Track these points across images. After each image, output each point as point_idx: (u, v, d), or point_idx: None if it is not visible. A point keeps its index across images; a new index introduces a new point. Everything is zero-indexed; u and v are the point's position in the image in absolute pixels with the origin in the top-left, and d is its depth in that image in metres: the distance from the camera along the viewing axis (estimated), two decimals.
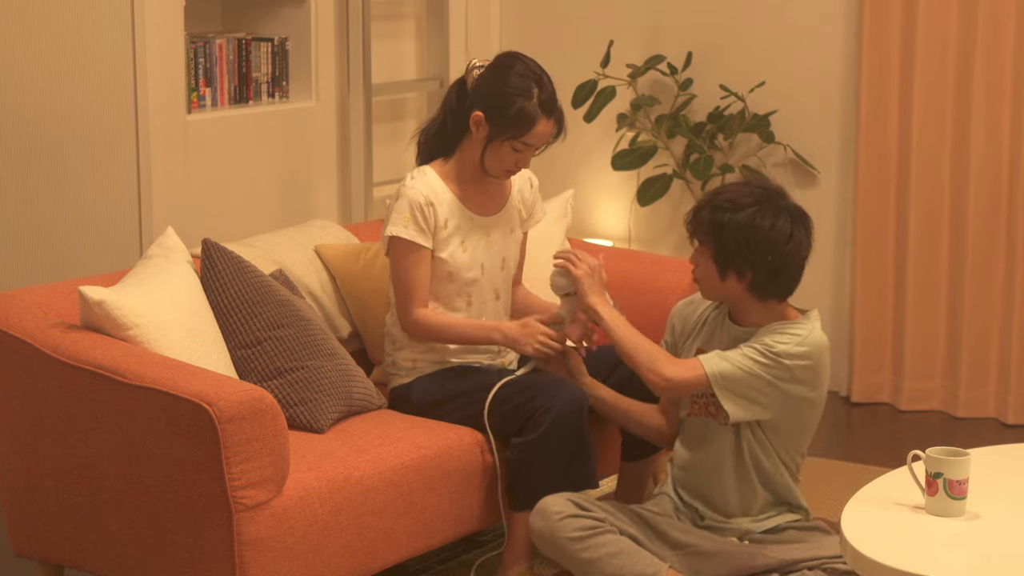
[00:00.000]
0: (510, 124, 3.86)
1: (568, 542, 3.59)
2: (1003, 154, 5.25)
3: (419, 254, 3.91)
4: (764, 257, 3.57)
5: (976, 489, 3.16)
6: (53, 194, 4.67)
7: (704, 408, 3.71)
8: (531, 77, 3.89)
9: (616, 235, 5.94)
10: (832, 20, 5.50)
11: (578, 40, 5.91)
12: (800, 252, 3.61)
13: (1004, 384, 5.34)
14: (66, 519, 3.61)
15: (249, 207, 5.06)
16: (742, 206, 3.57)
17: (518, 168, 3.95)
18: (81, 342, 3.53)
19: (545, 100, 3.88)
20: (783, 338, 3.60)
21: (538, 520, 3.63)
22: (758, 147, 5.59)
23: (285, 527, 3.41)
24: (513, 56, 3.96)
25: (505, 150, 3.90)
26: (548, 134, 3.91)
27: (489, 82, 3.91)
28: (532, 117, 3.86)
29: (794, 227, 3.59)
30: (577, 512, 3.60)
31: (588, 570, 3.58)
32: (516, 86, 3.87)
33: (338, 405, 3.84)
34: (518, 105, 3.86)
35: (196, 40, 4.91)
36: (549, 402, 3.75)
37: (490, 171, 3.95)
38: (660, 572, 3.55)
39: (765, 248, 3.56)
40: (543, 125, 3.88)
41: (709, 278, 3.64)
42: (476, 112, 3.90)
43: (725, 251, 3.58)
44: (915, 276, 5.41)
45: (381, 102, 5.59)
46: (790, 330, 3.61)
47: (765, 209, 3.58)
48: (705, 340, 3.75)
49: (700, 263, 3.65)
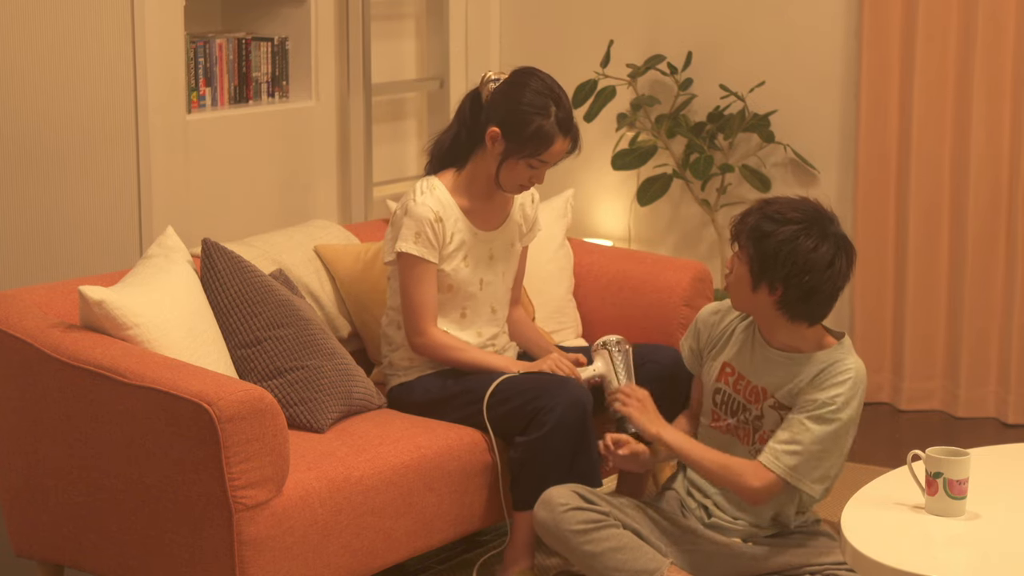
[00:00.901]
0: (527, 142, 3.85)
1: (572, 534, 3.59)
2: (1003, 154, 5.24)
3: (428, 270, 3.91)
4: (800, 276, 3.50)
5: (976, 489, 3.16)
6: (53, 194, 4.67)
7: (732, 429, 3.70)
8: (548, 95, 3.87)
9: (616, 235, 5.94)
10: (832, 20, 5.50)
11: (578, 40, 5.90)
12: (837, 281, 3.53)
13: (1004, 384, 5.34)
14: (66, 519, 3.61)
15: (249, 207, 5.06)
16: (790, 220, 3.51)
17: (532, 184, 3.95)
18: (81, 342, 3.53)
19: (563, 119, 3.87)
20: (836, 391, 3.54)
21: (542, 511, 3.64)
22: (758, 147, 5.59)
23: (285, 527, 3.41)
24: (529, 72, 3.94)
25: (521, 167, 3.89)
26: (563, 152, 3.91)
27: (506, 98, 3.89)
28: (550, 136, 3.85)
29: (837, 254, 3.52)
30: (582, 504, 3.61)
31: (591, 563, 3.59)
32: (534, 104, 3.86)
33: (338, 405, 3.84)
34: (536, 124, 3.84)
35: (196, 40, 4.91)
36: (553, 401, 3.75)
37: (504, 186, 3.95)
38: (662, 568, 3.56)
39: (803, 267, 3.49)
40: (560, 144, 3.88)
41: (741, 285, 3.58)
42: (492, 128, 3.89)
43: (762, 261, 3.52)
44: (915, 276, 5.41)
45: (381, 102, 5.58)
46: (838, 376, 3.55)
47: (812, 229, 3.51)
48: (733, 354, 3.71)
49: (736, 267, 3.59)
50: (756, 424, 3.68)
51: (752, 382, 3.66)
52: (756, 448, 3.67)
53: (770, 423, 3.65)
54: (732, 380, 3.70)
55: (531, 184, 3.95)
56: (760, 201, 3.62)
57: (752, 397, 3.67)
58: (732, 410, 3.70)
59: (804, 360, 3.60)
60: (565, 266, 4.62)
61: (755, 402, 3.67)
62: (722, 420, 3.72)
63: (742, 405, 3.68)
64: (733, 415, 3.70)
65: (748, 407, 3.68)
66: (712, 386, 3.74)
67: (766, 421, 3.66)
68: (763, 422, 3.67)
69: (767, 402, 3.65)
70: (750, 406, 3.67)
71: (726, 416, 3.71)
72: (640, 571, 3.56)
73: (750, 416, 3.68)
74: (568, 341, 4.48)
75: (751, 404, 3.67)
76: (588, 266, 4.64)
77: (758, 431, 3.68)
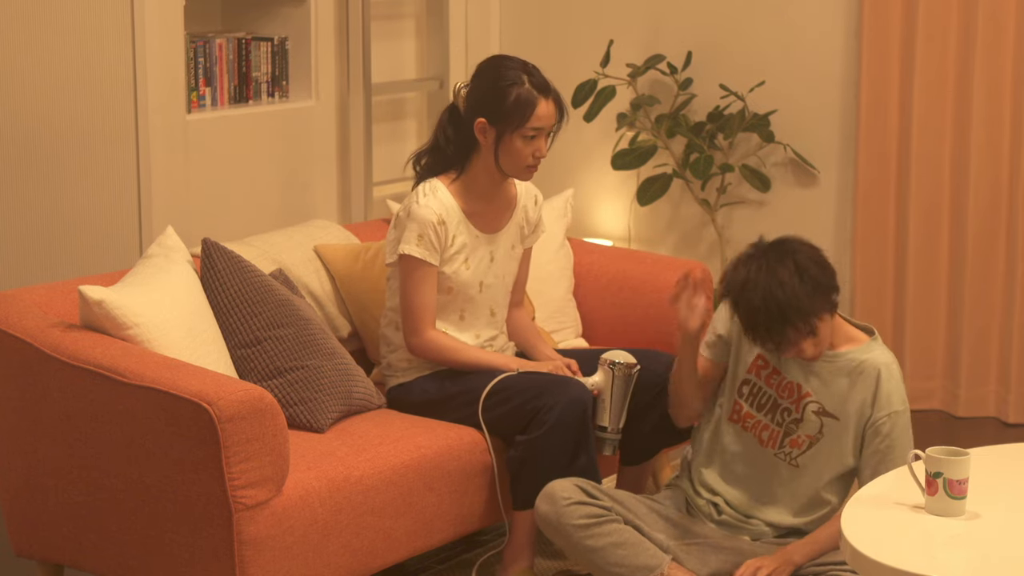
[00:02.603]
0: (512, 114, 3.86)
1: (574, 529, 3.59)
2: (1003, 154, 5.24)
3: (429, 273, 3.91)
4: (836, 286, 3.55)
5: (976, 489, 3.16)
6: (53, 194, 4.67)
7: (756, 427, 3.67)
8: (518, 67, 3.91)
9: (616, 235, 5.94)
10: (832, 20, 5.50)
11: (578, 40, 5.90)
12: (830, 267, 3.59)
13: (1004, 383, 5.34)
14: (66, 519, 3.61)
15: (249, 207, 5.06)
16: (794, 272, 3.47)
17: (536, 159, 3.92)
18: (81, 342, 3.53)
19: (538, 83, 3.89)
20: (897, 398, 3.61)
21: (545, 504, 3.64)
22: (758, 146, 5.58)
23: (285, 527, 3.41)
24: (494, 57, 4.00)
25: (517, 144, 3.89)
26: (551, 115, 3.90)
27: (478, 88, 3.93)
28: (530, 100, 3.86)
29: (811, 249, 3.55)
30: (585, 499, 3.61)
31: (592, 557, 3.59)
32: (505, 78, 3.89)
33: (338, 404, 3.84)
34: (514, 94, 3.86)
35: (196, 40, 4.91)
36: (553, 400, 3.75)
37: (510, 172, 3.94)
38: (663, 564, 3.56)
39: (832, 275, 3.55)
40: (543, 106, 3.88)
41: (827, 331, 3.55)
42: (478, 120, 3.90)
43: (825, 301, 3.51)
44: (915, 276, 5.41)
45: (381, 102, 5.58)
46: (891, 381, 3.61)
47: (795, 257, 3.50)
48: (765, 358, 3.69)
49: (822, 335, 3.53)
50: (790, 428, 3.64)
51: (787, 377, 3.65)
52: (779, 453, 3.65)
53: (808, 429, 3.63)
54: (765, 373, 3.66)
55: (535, 160, 3.92)
56: (750, 302, 3.49)
57: (786, 392, 3.64)
58: (761, 405, 3.67)
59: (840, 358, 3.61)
60: (565, 266, 4.62)
61: (791, 399, 3.64)
62: (746, 415, 3.68)
63: (774, 400, 3.66)
64: (761, 410, 3.67)
65: (783, 405, 3.64)
66: (741, 377, 3.70)
67: (804, 426, 3.63)
68: (799, 427, 3.64)
69: (810, 406, 3.62)
70: (786, 404, 3.64)
71: (754, 411, 3.67)
72: (640, 567, 3.56)
73: (786, 418, 3.64)
74: (568, 341, 4.49)
75: (786, 401, 3.64)
76: (588, 266, 4.64)
77: (790, 435, 3.65)
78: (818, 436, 3.63)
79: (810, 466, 3.65)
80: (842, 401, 3.61)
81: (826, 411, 3.61)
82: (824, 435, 3.63)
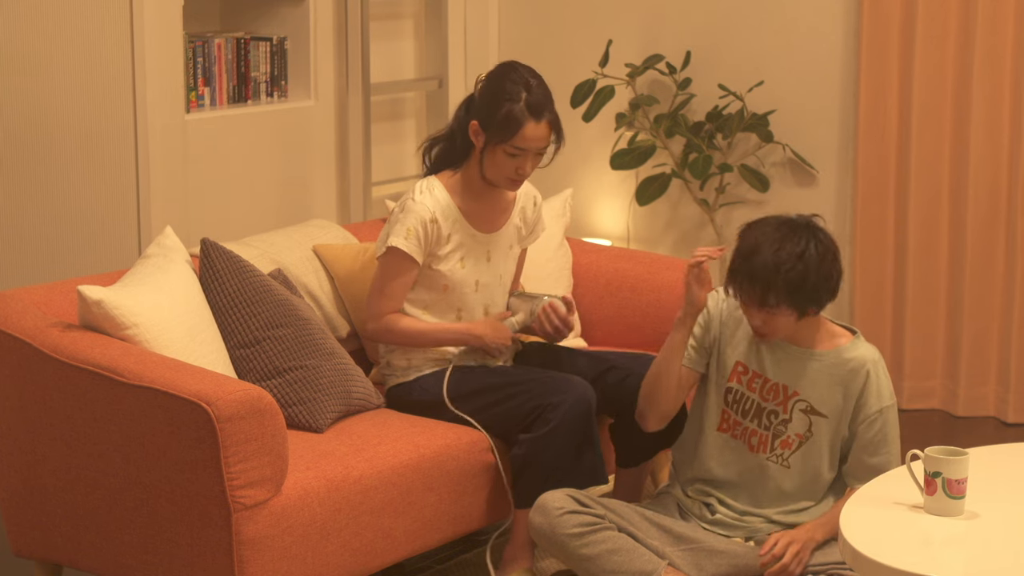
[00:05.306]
0: (499, 128, 3.85)
1: (568, 538, 3.59)
2: (1003, 154, 5.24)
3: (408, 268, 3.92)
4: (837, 280, 3.58)
5: (975, 488, 3.16)
6: (52, 193, 4.67)
7: (744, 434, 3.69)
8: (521, 82, 3.87)
9: (615, 234, 5.94)
10: (831, 20, 5.50)
11: (577, 39, 5.90)
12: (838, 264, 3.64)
13: (1004, 383, 5.34)
14: (65, 519, 3.61)
15: (248, 207, 5.06)
16: (802, 252, 3.52)
17: (519, 176, 3.92)
18: (80, 341, 3.53)
19: (533, 103, 3.85)
20: (887, 392, 3.65)
21: (538, 516, 3.64)
22: (757, 146, 5.58)
23: (284, 526, 3.41)
24: (509, 64, 3.96)
25: (500, 156, 3.89)
26: (539, 138, 3.87)
27: (484, 91, 3.92)
28: (519, 120, 3.84)
29: (827, 237, 3.60)
30: (577, 508, 3.61)
31: (587, 566, 3.58)
32: (505, 90, 3.87)
33: (337, 404, 3.84)
34: (505, 108, 3.85)
35: (195, 39, 4.91)
36: (557, 399, 3.75)
37: (491, 179, 3.93)
38: (658, 569, 3.56)
39: (838, 269, 3.58)
40: (532, 128, 3.86)
41: (788, 328, 3.59)
42: (473, 122, 3.90)
43: (809, 301, 3.54)
44: (914, 276, 5.41)
45: (380, 102, 5.58)
46: (880, 377, 3.64)
47: (810, 238, 3.55)
48: (742, 352, 3.68)
49: (780, 325, 3.57)
50: (779, 430, 3.65)
51: (771, 379, 3.66)
52: (771, 456, 3.66)
53: (798, 427, 3.65)
54: (746, 380, 3.68)
55: (519, 177, 3.92)
56: (754, 255, 3.54)
57: (771, 395, 3.65)
58: (745, 411, 3.68)
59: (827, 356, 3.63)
60: (564, 266, 4.62)
61: (777, 401, 3.65)
62: (734, 423, 3.70)
63: (758, 405, 3.67)
64: (746, 416, 3.68)
65: (767, 408, 3.65)
66: (723, 386, 3.72)
67: (792, 426, 3.65)
68: (788, 427, 3.65)
69: (798, 405, 3.64)
70: (772, 407, 3.65)
71: (740, 418, 3.69)
72: (637, 573, 3.55)
73: (773, 420, 3.65)
74: (567, 341, 4.48)
75: (771, 404, 3.65)
76: (587, 266, 4.64)
77: (779, 437, 3.66)
78: (807, 435, 3.64)
79: (800, 464, 3.66)
80: (831, 398, 3.63)
81: (815, 409, 3.63)
82: (813, 433, 3.64)
